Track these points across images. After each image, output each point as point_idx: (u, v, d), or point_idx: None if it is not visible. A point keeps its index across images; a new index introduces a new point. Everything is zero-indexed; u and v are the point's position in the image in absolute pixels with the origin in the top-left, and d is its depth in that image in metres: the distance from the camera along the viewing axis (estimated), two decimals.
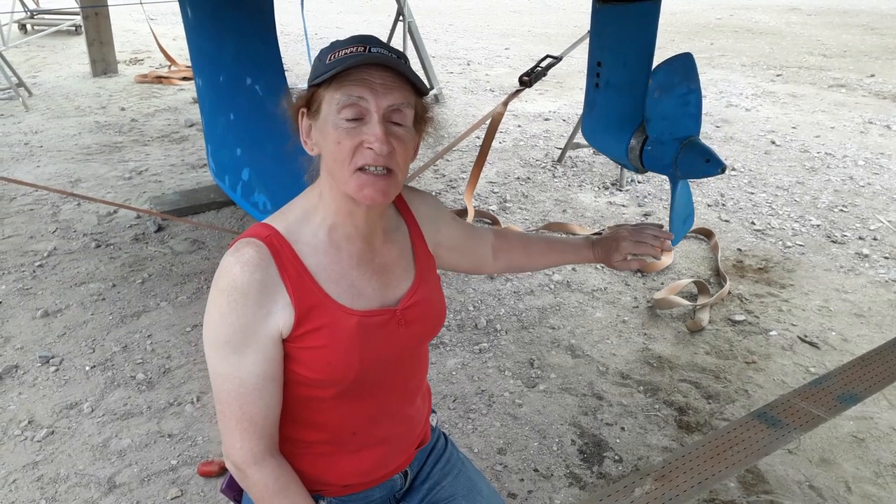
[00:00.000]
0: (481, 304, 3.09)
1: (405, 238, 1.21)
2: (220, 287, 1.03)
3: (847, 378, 1.37)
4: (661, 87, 1.46)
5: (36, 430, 2.29)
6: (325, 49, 1.06)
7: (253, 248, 1.04)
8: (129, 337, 2.79)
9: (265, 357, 1.04)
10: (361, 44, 1.02)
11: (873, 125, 5.82)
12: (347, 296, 1.09)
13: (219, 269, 1.04)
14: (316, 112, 1.05)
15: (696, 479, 1.09)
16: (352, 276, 1.10)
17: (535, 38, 10.01)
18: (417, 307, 1.16)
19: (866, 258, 3.55)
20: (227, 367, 1.03)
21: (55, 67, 7.55)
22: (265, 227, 1.08)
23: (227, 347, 1.03)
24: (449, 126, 5.67)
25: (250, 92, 2.95)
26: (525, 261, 1.46)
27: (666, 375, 2.64)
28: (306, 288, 1.05)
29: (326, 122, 1.03)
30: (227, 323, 1.02)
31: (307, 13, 7.14)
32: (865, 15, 11.99)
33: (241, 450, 1.05)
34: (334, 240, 1.10)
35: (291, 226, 1.09)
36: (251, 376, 1.03)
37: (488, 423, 2.38)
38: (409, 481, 1.30)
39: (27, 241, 3.57)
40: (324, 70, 1.02)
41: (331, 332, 1.06)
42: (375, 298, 1.12)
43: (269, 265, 1.03)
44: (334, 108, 1.01)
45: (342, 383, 1.09)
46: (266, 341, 1.03)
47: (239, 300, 1.01)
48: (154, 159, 4.83)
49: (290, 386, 1.09)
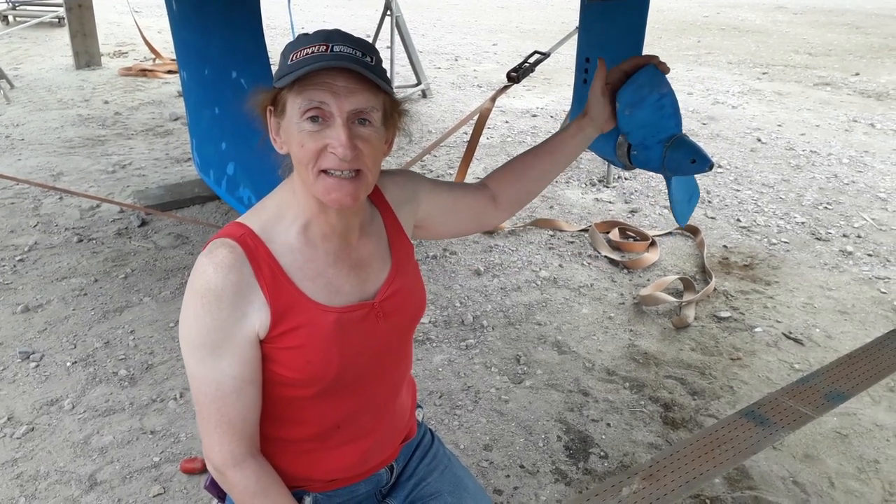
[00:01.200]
0: (468, 300, 3.09)
1: (380, 229, 1.18)
2: (194, 289, 1.01)
3: (834, 376, 1.37)
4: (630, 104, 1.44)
5: (15, 427, 2.26)
6: (290, 45, 1.02)
7: (227, 248, 1.02)
8: (111, 332, 2.76)
9: (241, 359, 1.02)
10: (324, 42, 0.98)
11: (858, 123, 5.86)
12: (324, 293, 1.07)
13: (193, 270, 1.03)
14: (281, 112, 1.03)
15: (684, 479, 1.08)
16: (328, 274, 1.08)
17: (523, 34, 10.00)
18: (395, 298, 1.14)
19: (850, 255, 3.57)
20: (203, 369, 1.02)
21: (37, 59, 7.45)
22: (239, 227, 1.06)
23: (202, 350, 1.01)
24: (436, 122, 5.66)
25: (236, 86, 2.92)
26: (530, 189, 1.38)
27: (652, 372, 2.64)
28: (282, 287, 1.04)
29: (290, 123, 1.01)
30: (201, 325, 1.00)
31: (294, 7, 7.10)
32: (850, 14, 12.09)
33: (221, 452, 1.04)
34: (310, 238, 1.08)
35: (266, 224, 1.07)
36: (228, 378, 1.02)
37: (474, 419, 2.37)
38: (395, 476, 1.29)
39: (7, 235, 3.52)
40: (286, 71, 0.99)
41: (308, 330, 1.04)
42: (353, 294, 1.10)
43: (244, 266, 1.01)
44: (297, 112, 0.99)
45: (323, 381, 1.07)
46: (242, 343, 1.02)
47: (213, 302, 0.99)
48: (138, 153, 4.78)
49: (270, 386, 1.08)
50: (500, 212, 1.37)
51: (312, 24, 10.31)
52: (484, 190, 1.35)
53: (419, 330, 2.84)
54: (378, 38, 6.09)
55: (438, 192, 1.29)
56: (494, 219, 1.38)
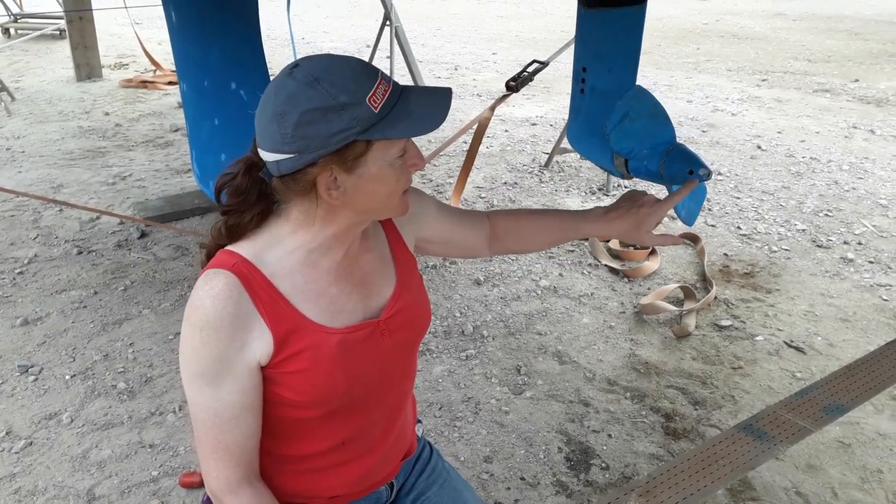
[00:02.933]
0: (468, 311, 3.08)
1: (383, 243, 1.17)
2: (192, 322, 0.99)
3: (833, 388, 1.36)
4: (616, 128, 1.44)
5: (14, 441, 2.25)
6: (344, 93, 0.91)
7: (221, 278, 0.99)
8: (110, 345, 2.75)
9: (241, 388, 1.00)
10: (375, 75, 0.95)
11: (858, 130, 5.86)
12: (327, 314, 1.05)
13: (189, 302, 1.00)
14: (354, 164, 0.95)
15: (681, 495, 1.07)
16: (331, 294, 1.06)
17: (522, 44, 10.03)
18: (401, 314, 1.13)
19: (851, 263, 3.56)
20: (202, 398, 1.00)
21: (39, 72, 7.48)
22: (230, 255, 1.02)
23: (201, 380, 0.99)
24: (436, 131, 5.66)
25: (235, 97, 2.92)
26: (522, 245, 1.39)
27: (653, 381, 2.63)
28: (282, 313, 1.01)
29: (381, 167, 0.97)
30: (200, 357, 0.98)
31: (293, 17, 7.12)
32: (849, 20, 12.11)
33: (217, 478, 1.03)
34: (311, 260, 1.05)
35: (259, 250, 1.03)
36: (227, 407, 1.00)
37: (474, 430, 2.36)
38: (395, 492, 1.28)
39: (7, 247, 3.52)
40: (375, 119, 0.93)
41: (312, 354, 1.02)
42: (357, 312, 1.09)
43: (241, 295, 0.99)
44: (394, 153, 0.98)
45: (329, 403, 1.06)
46: (242, 372, 1.00)
47: (212, 335, 0.97)
48: (138, 164, 4.79)
49: (275, 407, 1.06)
50: (489, 252, 1.38)
51: (312, 34, 10.35)
52: (483, 226, 1.34)
53: None
54: (378, 48, 6.11)
55: (443, 219, 1.28)
56: (481, 255, 1.39)
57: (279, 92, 0.93)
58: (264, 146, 0.97)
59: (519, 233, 1.36)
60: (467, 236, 1.32)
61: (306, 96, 0.91)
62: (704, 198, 1.77)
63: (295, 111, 0.91)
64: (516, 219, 1.37)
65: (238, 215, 1.02)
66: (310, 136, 0.92)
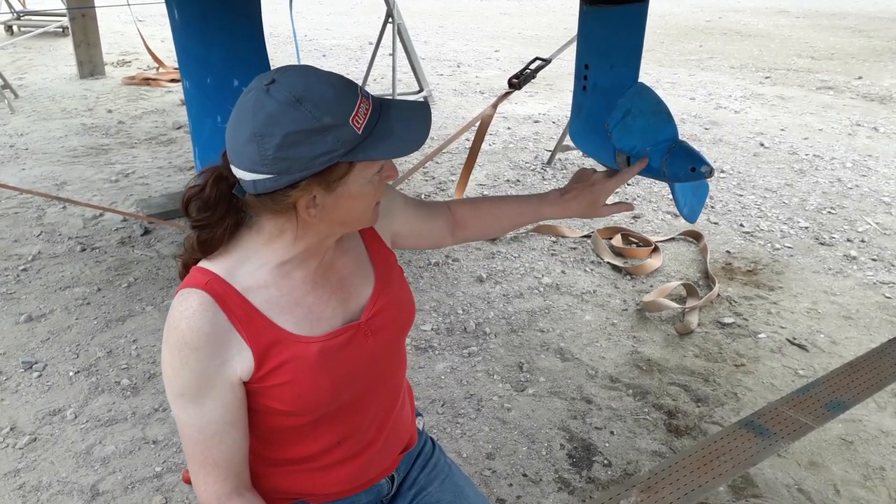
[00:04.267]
0: (470, 308, 3.08)
1: (358, 243, 1.16)
2: (170, 343, 0.98)
3: (835, 385, 1.36)
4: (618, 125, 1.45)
5: (18, 437, 2.26)
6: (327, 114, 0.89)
7: (195, 297, 0.98)
8: (114, 342, 2.76)
9: (224, 404, 1.00)
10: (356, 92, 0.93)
11: (861, 127, 5.85)
12: (306, 324, 1.05)
13: (166, 323, 1.00)
14: (336, 183, 0.95)
15: (683, 491, 1.07)
16: (308, 303, 1.06)
17: (525, 41, 10.02)
18: (383, 313, 1.13)
19: (854, 260, 3.56)
20: (186, 416, 1.00)
21: (42, 69, 7.49)
22: (203, 273, 1.01)
23: (184, 398, 0.99)
24: (438, 128, 5.66)
25: (238, 94, 2.93)
26: (483, 232, 1.41)
27: (655, 379, 2.63)
28: (259, 327, 1.01)
29: (361, 185, 0.97)
30: (180, 377, 0.98)
31: (296, 14, 7.12)
32: (853, 17, 12.07)
33: (206, 492, 1.03)
34: (285, 271, 1.04)
35: (230, 266, 1.02)
36: (211, 423, 1.00)
37: (477, 427, 2.37)
38: (396, 487, 1.28)
39: (11, 244, 3.53)
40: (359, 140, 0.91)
41: (294, 365, 1.02)
42: (336, 317, 1.08)
43: (216, 313, 0.98)
44: (374, 171, 0.98)
45: (318, 410, 1.06)
46: (224, 388, 0.99)
47: (190, 355, 0.97)
48: (141, 162, 4.79)
49: (265, 416, 1.06)
50: (453, 241, 1.39)
51: (315, 31, 10.34)
52: (446, 215, 1.36)
53: (421, 337, 2.84)
54: (380, 46, 6.11)
55: (410, 211, 1.29)
56: (446, 244, 1.40)
57: (258, 112, 0.89)
58: (240, 164, 0.93)
59: (479, 220, 1.39)
60: (433, 227, 1.33)
61: (289, 118, 0.88)
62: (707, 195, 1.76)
63: (277, 133, 0.88)
64: (476, 206, 1.39)
65: (209, 230, 1.00)
66: (292, 158, 0.89)
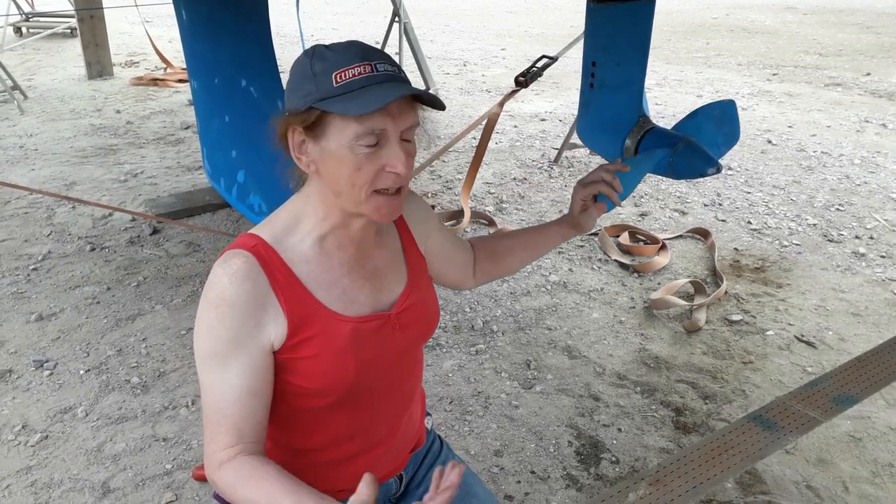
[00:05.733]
0: (477, 306, 3.09)
1: (395, 241, 1.19)
2: (208, 299, 1.01)
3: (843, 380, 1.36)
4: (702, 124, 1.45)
5: (30, 435, 2.28)
6: (321, 62, 0.98)
7: (241, 258, 1.02)
8: (123, 340, 2.78)
9: (252, 367, 1.01)
10: (365, 60, 0.97)
11: (869, 124, 5.82)
12: (340, 303, 1.07)
13: (208, 280, 1.03)
14: (320, 134, 0.99)
15: (691, 484, 1.08)
16: (343, 284, 1.08)
17: (531, 39, 10.01)
18: (412, 310, 1.15)
19: (863, 257, 3.55)
20: (213, 377, 1.01)
21: (50, 70, 7.53)
22: (251, 237, 1.05)
23: (214, 359, 1.01)
24: (445, 127, 5.67)
25: (245, 94, 2.94)
26: (502, 272, 1.41)
27: (663, 376, 2.63)
28: (298, 297, 1.03)
29: (339, 146, 0.98)
30: (214, 335, 1.00)
31: (303, 14, 7.14)
32: (861, 13, 12.01)
33: (217, 452, 1.01)
34: (325, 248, 1.08)
35: (278, 234, 1.06)
36: (234, 388, 1.01)
37: (485, 424, 2.37)
38: (404, 485, 1.29)
39: (22, 244, 3.55)
40: (332, 93, 0.96)
41: (325, 340, 1.04)
42: (368, 304, 1.10)
43: (259, 275, 1.01)
44: (350, 137, 0.97)
45: (338, 391, 1.08)
46: (255, 352, 1.01)
47: (227, 312, 0.99)
48: (149, 162, 4.82)
49: (286, 397, 1.08)
50: (472, 279, 1.39)
51: (322, 31, 10.36)
52: (469, 252, 1.36)
53: None
54: (387, 45, 6.12)
55: (443, 232, 1.29)
56: (466, 283, 1.39)
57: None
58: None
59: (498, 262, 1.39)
60: (459, 259, 1.33)
61: (299, 64, 1.01)
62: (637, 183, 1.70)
63: (290, 73, 1.02)
64: (494, 248, 1.39)
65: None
66: (289, 96, 1.02)
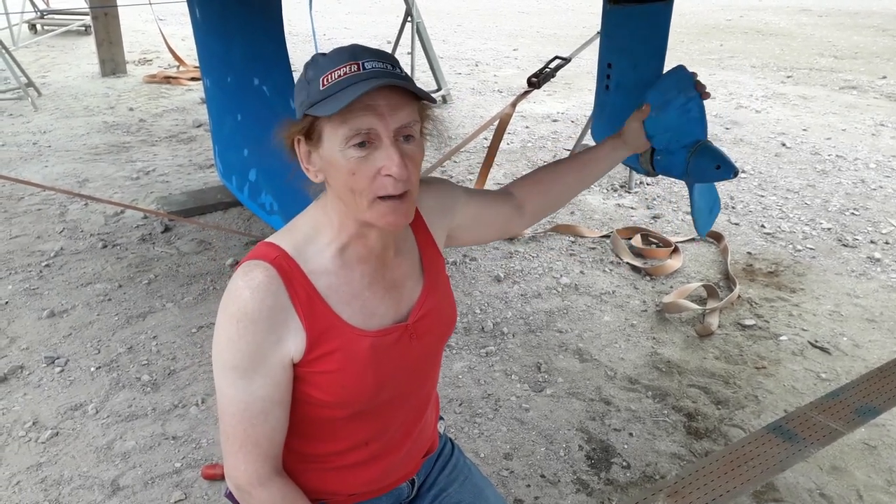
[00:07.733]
0: (488, 307, 3.07)
1: (412, 245, 1.17)
2: (229, 312, 0.99)
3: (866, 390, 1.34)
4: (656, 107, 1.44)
5: (40, 432, 2.28)
6: (313, 69, 0.97)
7: (262, 270, 1.00)
8: (134, 338, 2.78)
9: (273, 382, 1.01)
10: (352, 60, 0.95)
11: (885, 127, 5.76)
12: (360, 317, 1.06)
13: (227, 292, 1.01)
14: (317, 140, 0.99)
15: (710, 496, 1.06)
16: (364, 297, 1.07)
17: (543, 40, 9.98)
18: (428, 317, 1.13)
19: (878, 262, 3.51)
20: (234, 391, 1.00)
21: (64, 67, 7.57)
22: (273, 248, 1.03)
23: (235, 372, 1.00)
24: (457, 127, 5.65)
25: (258, 92, 2.94)
26: (555, 200, 1.38)
27: (675, 380, 2.61)
28: (318, 311, 1.02)
29: (333, 152, 0.97)
30: (235, 349, 0.99)
31: (315, 13, 7.14)
32: (877, 16, 11.90)
33: (246, 472, 1.03)
34: (346, 260, 1.06)
35: (299, 245, 1.04)
36: (258, 400, 1.01)
37: (495, 427, 2.36)
38: (416, 489, 1.28)
39: (34, 241, 3.57)
40: (317, 98, 0.95)
41: (344, 355, 1.03)
42: (387, 316, 1.09)
43: (280, 289, 0.99)
44: (340, 140, 0.95)
45: (357, 404, 1.07)
46: (275, 366, 1.00)
47: (249, 326, 0.98)
48: (162, 159, 4.83)
49: (302, 406, 1.07)
50: (524, 220, 1.36)
51: (334, 30, 10.37)
52: (509, 198, 1.33)
53: None
54: (399, 44, 6.11)
55: (471, 202, 1.27)
56: (518, 227, 1.37)
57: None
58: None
59: (545, 191, 1.36)
60: (498, 213, 1.31)
61: (301, 73, 1.02)
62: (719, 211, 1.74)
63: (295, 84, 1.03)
64: (537, 178, 1.37)
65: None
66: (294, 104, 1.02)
